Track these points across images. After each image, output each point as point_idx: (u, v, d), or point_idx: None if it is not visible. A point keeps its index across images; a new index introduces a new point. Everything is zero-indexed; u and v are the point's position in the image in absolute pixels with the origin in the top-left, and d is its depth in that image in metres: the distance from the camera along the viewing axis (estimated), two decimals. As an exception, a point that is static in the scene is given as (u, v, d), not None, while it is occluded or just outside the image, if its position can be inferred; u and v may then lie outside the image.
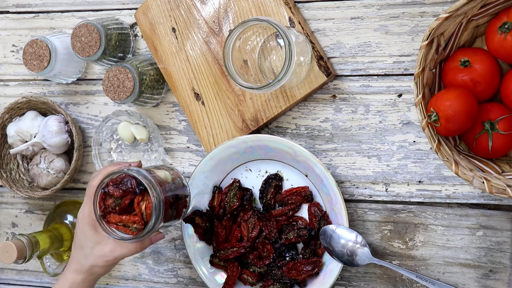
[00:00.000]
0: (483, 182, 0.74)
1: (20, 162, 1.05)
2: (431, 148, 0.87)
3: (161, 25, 0.95)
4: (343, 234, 0.87)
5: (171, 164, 0.99)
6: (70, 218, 0.99)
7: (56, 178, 1.00)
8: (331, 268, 0.88)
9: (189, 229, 0.94)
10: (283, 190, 0.92)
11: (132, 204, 0.78)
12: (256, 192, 0.94)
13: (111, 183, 0.78)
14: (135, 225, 0.78)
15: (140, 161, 0.85)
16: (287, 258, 0.90)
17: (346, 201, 0.91)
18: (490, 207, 0.86)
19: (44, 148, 1.01)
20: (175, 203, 0.81)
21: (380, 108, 0.89)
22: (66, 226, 0.98)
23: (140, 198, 0.78)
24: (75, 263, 0.82)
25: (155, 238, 0.85)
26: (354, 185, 0.91)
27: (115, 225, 0.78)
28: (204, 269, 0.94)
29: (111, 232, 0.78)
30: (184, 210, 0.83)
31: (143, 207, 0.78)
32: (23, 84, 1.07)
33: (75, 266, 0.82)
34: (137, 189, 0.77)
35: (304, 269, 0.88)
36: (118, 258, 0.81)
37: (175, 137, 0.99)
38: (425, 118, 0.77)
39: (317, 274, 0.89)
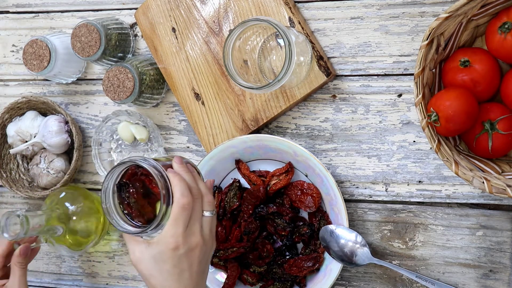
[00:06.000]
0: (483, 182, 0.74)
1: (20, 162, 1.05)
2: (431, 148, 0.87)
3: (161, 25, 0.95)
4: (343, 234, 0.87)
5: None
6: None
7: (56, 178, 1.00)
8: (331, 268, 0.88)
9: (189, 229, 0.94)
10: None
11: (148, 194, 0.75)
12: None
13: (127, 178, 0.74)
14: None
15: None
16: (287, 257, 0.90)
17: (346, 201, 0.91)
18: (490, 207, 0.86)
19: (44, 148, 1.01)
20: None
21: (380, 108, 0.88)
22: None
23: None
24: None
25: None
26: (354, 185, 0.91)
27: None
28: (204, 269, 0.94)
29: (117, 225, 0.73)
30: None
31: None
32: (23, 84, 1.07)
33: None
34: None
35: (305, 265, 0.88)
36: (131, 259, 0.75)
37: (175, 137, 0.99)
38: (425, 118, 0.77)
39: (317, 270, 0.89)
